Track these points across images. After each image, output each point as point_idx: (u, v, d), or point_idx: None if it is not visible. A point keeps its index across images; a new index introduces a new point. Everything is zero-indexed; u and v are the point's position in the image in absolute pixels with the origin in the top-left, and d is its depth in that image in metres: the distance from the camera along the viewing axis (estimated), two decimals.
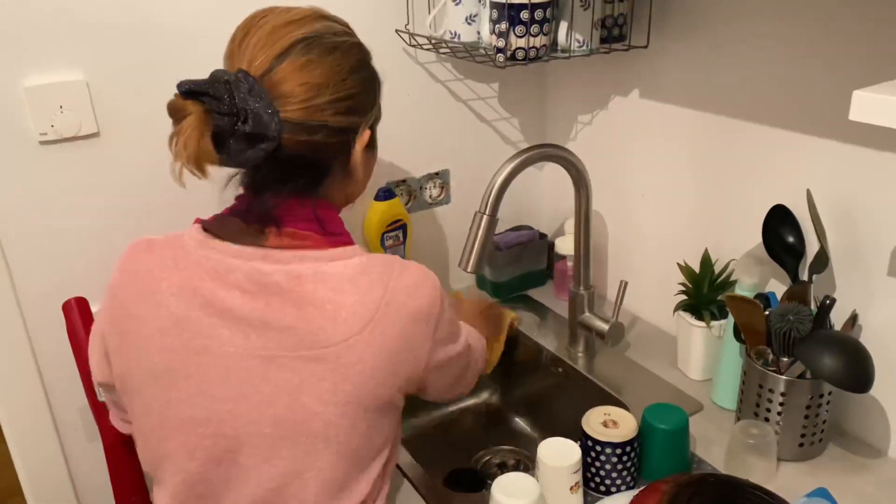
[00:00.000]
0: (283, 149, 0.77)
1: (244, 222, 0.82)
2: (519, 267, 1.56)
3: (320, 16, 0.84)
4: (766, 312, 1.05)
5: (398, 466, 1.09)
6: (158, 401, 0.82)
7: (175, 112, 0.74)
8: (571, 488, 0.94)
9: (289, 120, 0.76)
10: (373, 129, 0.89)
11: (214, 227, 0.83)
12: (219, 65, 1.19)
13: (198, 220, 0.86)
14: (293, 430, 0.79)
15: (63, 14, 1.05)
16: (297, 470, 0.81)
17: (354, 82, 0.81)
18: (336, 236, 0.84)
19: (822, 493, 0.96)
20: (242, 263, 0.79)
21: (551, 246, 1.56)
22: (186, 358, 0.80)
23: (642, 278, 1.43)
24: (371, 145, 0.89)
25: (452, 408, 1.44)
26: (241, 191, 0.86)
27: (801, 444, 1.05)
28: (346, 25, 0.87)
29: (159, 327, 0.80)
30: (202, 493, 0.84)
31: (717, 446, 1.09)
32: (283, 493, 0.82)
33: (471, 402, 1.47)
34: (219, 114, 0.73)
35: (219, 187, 0.84)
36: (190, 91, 0.74)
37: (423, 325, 0.82)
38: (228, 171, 0.83)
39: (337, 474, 0.82)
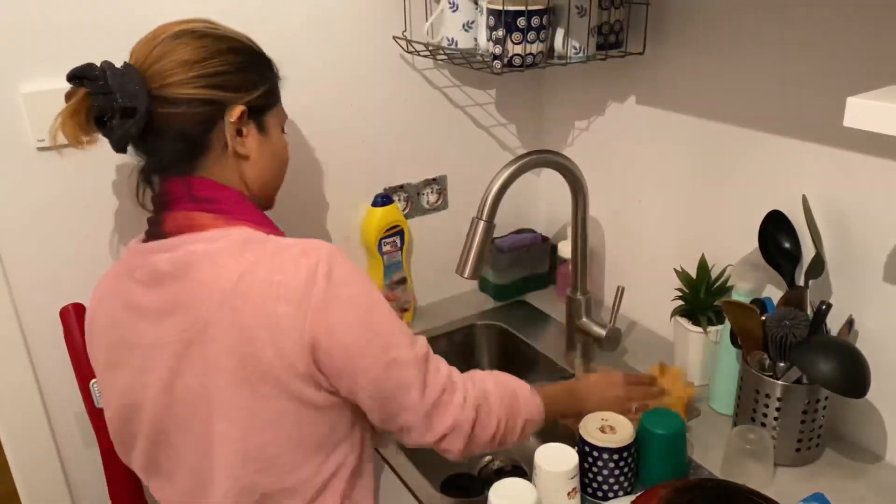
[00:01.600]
0: (155, 121, 0.87)
1: (153, 214, 0.93)
2: (521, 270, 1.56)
3: (207, 22, 0.92)
4: (763, 318, 1.05)
5: (394, 470, 1.09)
6: (107, 392, 0.96)
7: (67, 97, 0.87)
8: (569, 494, 0.94)
9: (157, 94, 0.86)
10: (259, 111, 0.93)
11: (149, 228, 0.93)
12: None
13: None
14: (184, 412, 0.87)
15: (61, 20, 1.06)
16: (206, 451, 0.87)
17: (223, 62, 0.89)
18: (232, 214, 0.89)
19: (818, 498, 0.96)
20: (143, 259, 0.89)
21: (553, 248, 1.57)
22: (121, 353, 0.91)
23: (639, 284, 1.43)
24: (262, 128, 0.94)
25: None
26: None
27: (798, 450, 1.05)
28: (237, 34, 0.93)
29: (101, 329, 0.94)
30: (154, 469, 0.95)
31: (714, 451, 1.09)
32: (208, 466, 0.88)
33: None
34: (96, 94, 0.85)
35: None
36: (72, 75, 0.86)
37: (285, 305, 0.81)
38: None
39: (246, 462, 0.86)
